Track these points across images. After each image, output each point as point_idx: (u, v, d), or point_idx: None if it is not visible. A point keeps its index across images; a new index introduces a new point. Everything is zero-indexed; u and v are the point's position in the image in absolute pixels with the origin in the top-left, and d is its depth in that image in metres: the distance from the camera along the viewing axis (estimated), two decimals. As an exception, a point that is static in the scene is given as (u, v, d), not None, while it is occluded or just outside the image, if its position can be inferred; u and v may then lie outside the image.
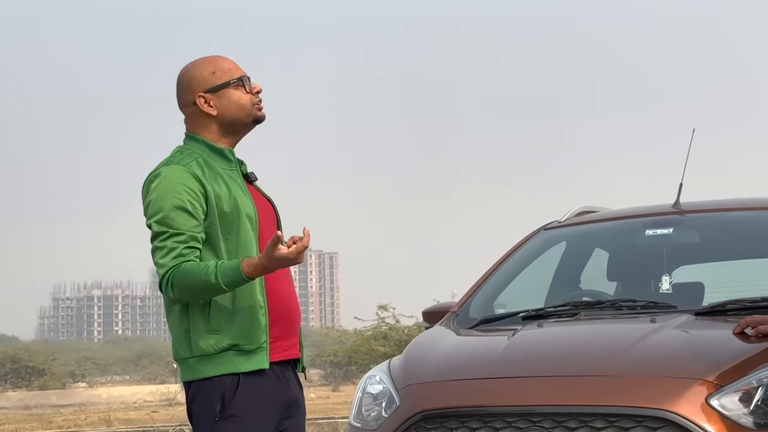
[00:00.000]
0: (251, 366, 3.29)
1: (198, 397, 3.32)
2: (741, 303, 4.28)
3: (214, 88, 3.40)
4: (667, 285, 4.74)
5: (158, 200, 3.29)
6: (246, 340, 3.29)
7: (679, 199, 5.19)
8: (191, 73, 3.43)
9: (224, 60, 3.47)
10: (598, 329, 4.31)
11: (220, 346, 3.27)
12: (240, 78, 3.43)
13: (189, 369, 3.33)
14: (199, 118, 3.43)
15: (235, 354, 3.28)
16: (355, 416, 4.19)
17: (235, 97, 3.41)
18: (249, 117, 3.45)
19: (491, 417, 3.69)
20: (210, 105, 3.40)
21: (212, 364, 3.28)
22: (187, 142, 3.46)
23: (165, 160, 3.40)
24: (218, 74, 3.41)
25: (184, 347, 3.33)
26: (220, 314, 3.29)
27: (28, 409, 33.16)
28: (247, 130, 3.49)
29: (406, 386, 4.00)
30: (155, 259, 3.28)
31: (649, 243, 5.05)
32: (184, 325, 3.32)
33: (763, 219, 5.10)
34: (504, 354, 4.02)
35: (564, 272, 5.31)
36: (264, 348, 3.31)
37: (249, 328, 3.30)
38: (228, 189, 3.35)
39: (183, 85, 3.45)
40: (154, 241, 3.29)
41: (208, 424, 3.28)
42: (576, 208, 5.56)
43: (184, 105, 3.47)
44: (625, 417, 3.53)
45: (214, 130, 3.43)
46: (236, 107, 3.42)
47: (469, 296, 4.95)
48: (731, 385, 3.59)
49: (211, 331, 3.28)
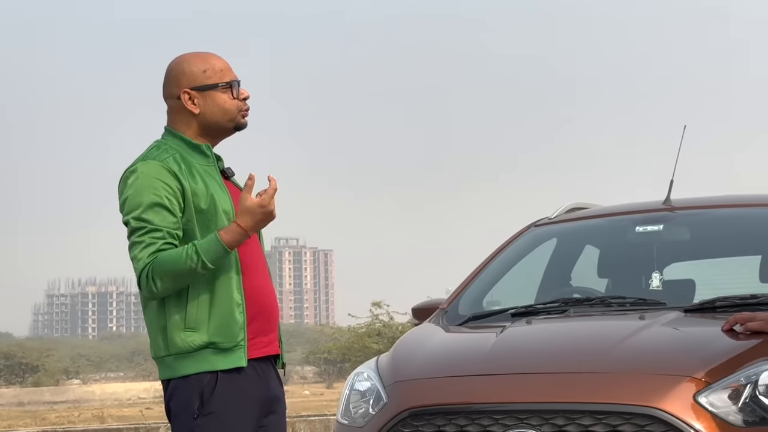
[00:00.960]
0: (229, 364, 3.26)
1: (176, 395, 3.29)
2: (730, 300, 4.27)
3: (201, 87, 3.35)
4: (657, 282, 4.72)
5: (135, 196, 3.26)
6: (223, 338, 3.26)
7: (669, 196, 5.17)
8: (181, 66, 3.38)
9: (218, 60, 3.41)
10: (587, 326, 4.30)
11: (196, 343, 3.24)
12: (230, 82, 3.37)
13: (166, 367, 3.31)
14: (180, 114, 3.38)
15: (212, 352, 3.25)
16: (342, 413, 4.17)
17: (220, 100, 3.36)
18: (231, 123, 3.40)
19: (478, 414, 3.67)
20: (194, 103, 3.35)
21: (189, 362, 3.25)
22: (165, 137, 3.42)
23: (141, 155, 3.36)
24: (208, 74, 3.36)
25: (160, 345, 3.30)
26: (197, 311, 3.25)
27: (21, 405, 33.10)
28: (227, 134, 3.45)
29: (393, 383, 3.98)
30: (132, 254, 3.24)
31: (640, 240, 5.04)
32: (161, 323, 3.29)
33: (753, 216, 5.08)
34: (492, 351, 4.01)
35: (555, 269, 5.29)
36: (242, 346, 3.28)
37: (226, 325, 3.27)
38: (205, 185, 3.32)
39: (171, 76, 3.40)
40: (131, 236, 3.26)
41: (187, 422, 3.26)
42: (566, 204, 5.54)
43: (168, 96, 3.42)
44: (613, 414, 3.52)
45: (194, 128, 3.38)
46: (220, 111, 3.37)
47: (459, 293, 4.93)
48: (720, 383, 3.58)
49: (188, 329, 3.25)
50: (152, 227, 3.23)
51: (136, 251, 3.23)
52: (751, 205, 5.14)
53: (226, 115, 3.38)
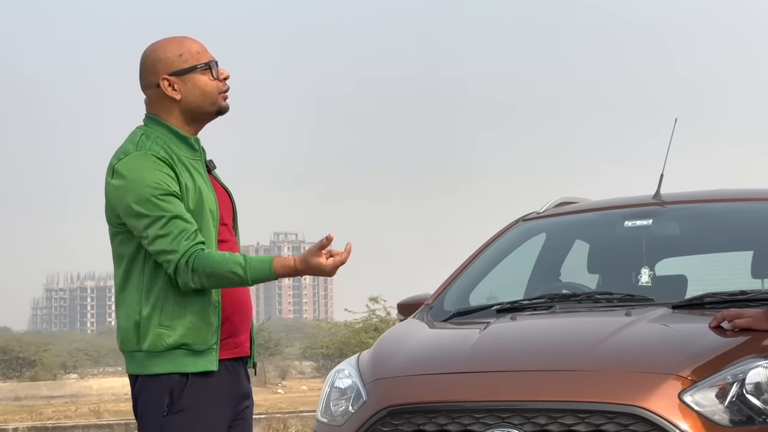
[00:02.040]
0: (199, 367, 3.18)
1: (144, 392, 3.21)
2: (719, 296, 4.18)
3: (179, 71, 3.25)
4: (646, 277, 4.63)
5: (139, 186, 3.13)
6: (196, 340, 3.18)
7: (659, 190, 5.08)
8: (156, 53, 3.28)
9: (192, 42, 3.32)
10: (572, 323, 4.22)
11: (169, 343, 3.16)
12: (208, 63, 3.28)
13: (136, 363, 3.23)
14: (162, 102, 3.28)
15: (184, 353, 3.17)
16: (322, 411, 4.09)
17: (200, 82, 3.27)
18: (213, 106, 3.31)
19: (459, 413, 3.59)
20: (174, 89, 3.25)
21: (160, 361, 3.17)
22: (149, 124, 3.30)
23: (129, 142, 3.24)
24: (185, 57, 3.26)
25: (132, 339, 3.21)
26: (172, 310, 3.17)
27: (18, 400, 33.09)
28: (209, 119, 3.35)
29: (373, 381, 3.90)
30: (163, 246, 3.09)
31: (629, 234, 4.95)
32: (135, 317, 3.20)
33: (745, 210, 5.00)
34: (474, 348, 3.92)
35: (544, 264, 5.20)
36: (214, 349, 3.21)
37: (200, 328, 3.19)
38: (193, 181, 3.23)
39: (147, 65, 3.29)
40: (152, 226, 3.11)
41: (156, 420, 3.18)
42: (555, 198, 5.45)
43: (146, 86, 3.32)
44: (596, 413, 3.43)
45: (177, 116, 3.28)
46: (201, 94, 3.27)
47: (444, 288, 4.84)
48: (706, 381, 3.49)
49: (162, 326, 3.16)
50: (172, 215, 3.11)
51: (166, 243, 3.09)
52: (742, 200, 5.05)
53: (207, 98, 3.28)
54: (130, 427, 12.02)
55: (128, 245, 3.22)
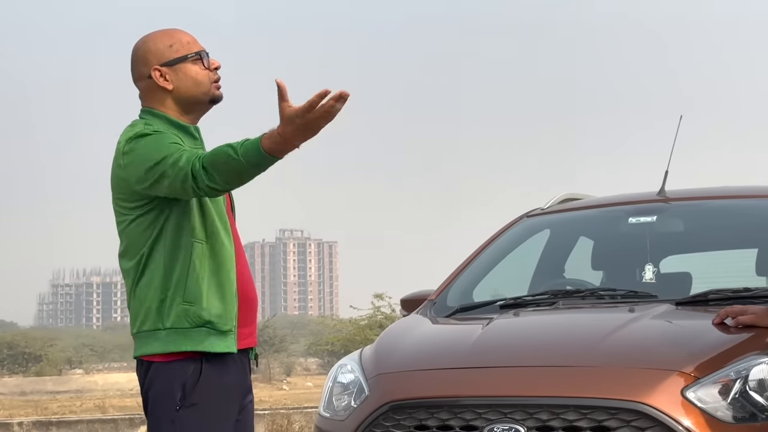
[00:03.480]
0: (222, 348, 3.17)
1: (156, 382, 3.19)
2: (722, 293, 4.18)
3: (170, 61, 3.26)
4: (650, 274, 4.62)
5: (155, 142, 3.11)
6: (220, 320, 3.17)
7: (664, 187, 5.07)
8: (147, 45, 3.30)
9: (182, 33, 3.33)
10: (575, 319, 4.22)
11: (194, 320, 3.14)
12: (198, 52, 3.29)
13: (157, 341, 3.17)
14: (155, 92, 3.28)
15: (208, 332, 3.15)
16: (325, 406, 4.09)
17: (192, 72, 3.28)
18: (206, 95, 3.31)
19: (461, 408, 3.59)
20: (166, 79, 3.26)
21: (185, 339, 3.14)
22: (145, 117, 3.30)
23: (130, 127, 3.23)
24: (175, 47, 3.28)
25: (155, 318, 3.17)
26: (195, 290, 3.15)
27: (24, 395, 33.14)
28: (204, 109, 3.35)
29: (375, 375, 3.90)
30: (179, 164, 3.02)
31: (633, 231, 4.94)
32: (160, 297, 3.17)
33: (749, 207, 4.99)
34: (476, 343, 3.92)
35: (548, 260, 5.20)
36: (233, 332, 3.21)
37: (223, 308, 3.18)
38: None
39: (138, 57, 3.31)
40: (168, 159, 3.06)
41: (168, 413, 3.16)
42: (559, 195, 5.44)
43: (138, 78, 3.32)
44: (599, 409, 3.43)
45: (171, 107, 3.28)
46: (193, 83, 3.27)
47: (448, 284, 4.84)
48: (709, 377, 3.49)
49: (187, 303, 3.14)
50: (185, 148, 3.09)
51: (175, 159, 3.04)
52: (747, 197, 5.04)
53: (199, 88, 3.29)
54: (135, 422, 12.02)
55: (147, 227, 3.19)
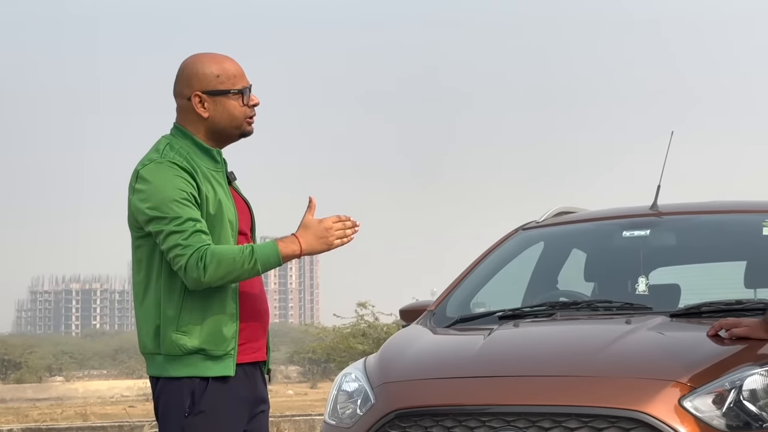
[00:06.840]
0: (217, 372, 3.28)
1: (165, 393, 3.31)
2: (716, 305, 4.31)
3: (212, 91, 3.34)
4: (643, 286, 4.75)
5: (159, 191, 3.24)
6: (213, 346, 3.27)
7: (656, 201, 5.21)
8: (195, 67, 3.37)
9: (232, 64, 3.39)
10: (574, 330, 4.33)
11: (187, 347, 3.26)
12: (241, 90, 3.37)
13: (156, 365, 3.33)
14: (189, 114, 3.38)
15: (201, 358, 3.27)
16: (330, 414, 4.19)
17: (230, 107, 3.36)
18: (237, 130, 3.41)
19: (466, 416, 3.70)
20: (203, 107, 3.35)
21: (179, 365, 3.27)
22: (175, 135, 3.41)
23: (154, 150, 3.35)
24: (221, 78, 3.35)
25: (152, 343, 3.31)
26: (190, 316, 3.27)
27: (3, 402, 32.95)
28: (232, 141, 3.45)
29: (381, 384, 4.00)
30: (175, 240, 3.19)
31: (626, 244, 5.07)
32: (155, 321, 3.30)
33: (739, 222, 5.12)
34: (479, 353, 4.03)
35: (542, 272, 5.32)
36: (231, 355, 3.30)
37: (218, 334, 3.28)
38: (214, 192, 3.33)
39: (183, 76, 3.39)
40: (168, 224, 3.20)
41: (178, 420, 3.27)
42: (554, 208, 5.56)
43: (178, 95, 3.41)
44: (599, 417, 3.55)
45: (202, 132, 3.38)
46: (228, 117, 3.37)
47: (446, 295, 4.95)
48: (704, 387, 3.62)
49: (180, 332, 3.26)
50: (188, 218, 3.21)
51: (180, 238, 3.19)
52: (737, 212, 5.18)
53: (233, 122, 3.38)
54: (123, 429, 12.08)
55: (149, 252, 3.32)
